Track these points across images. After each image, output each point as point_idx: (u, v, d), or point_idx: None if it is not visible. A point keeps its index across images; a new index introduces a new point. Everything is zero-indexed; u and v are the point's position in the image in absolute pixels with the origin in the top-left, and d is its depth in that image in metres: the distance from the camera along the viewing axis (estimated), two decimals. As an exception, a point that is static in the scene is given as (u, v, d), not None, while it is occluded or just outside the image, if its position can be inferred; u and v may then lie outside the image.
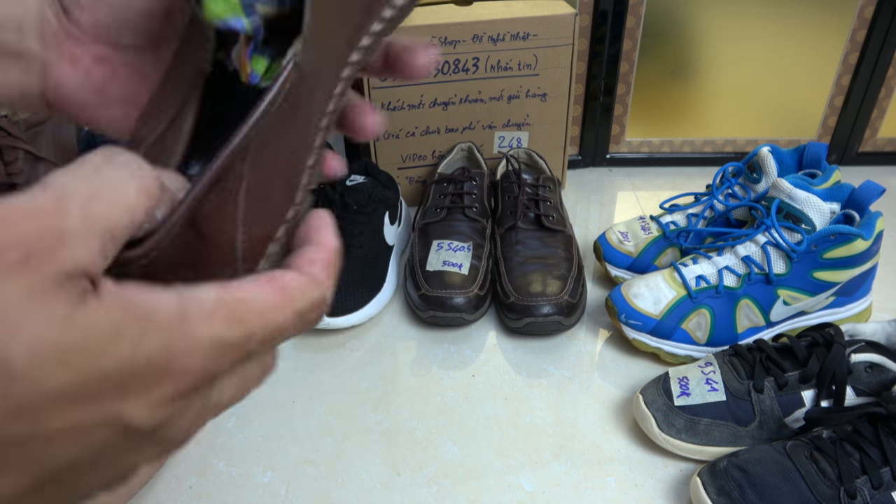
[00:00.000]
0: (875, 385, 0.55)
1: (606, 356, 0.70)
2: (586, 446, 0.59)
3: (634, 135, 1.05)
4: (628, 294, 0.68)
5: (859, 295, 0.68)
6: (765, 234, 0.65)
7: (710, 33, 0.96)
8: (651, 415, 0.57)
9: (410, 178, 0.97)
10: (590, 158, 1.07)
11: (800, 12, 0.94)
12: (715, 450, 0.56)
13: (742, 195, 0.75)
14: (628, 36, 0.96)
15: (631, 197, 1.00)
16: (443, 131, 0.93)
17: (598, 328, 0.74)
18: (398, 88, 0.88)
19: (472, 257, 0.75)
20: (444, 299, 0.71)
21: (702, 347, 0.66)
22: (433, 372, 0.69)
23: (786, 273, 0.64)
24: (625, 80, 1.00)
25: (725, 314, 0.65)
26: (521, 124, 0.94)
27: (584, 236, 0.89)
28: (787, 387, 0.56)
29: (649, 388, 0.60)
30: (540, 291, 0.70)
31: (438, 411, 0.63)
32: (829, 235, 0.62)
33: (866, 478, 0.49)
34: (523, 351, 0.71)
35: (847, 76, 0.99)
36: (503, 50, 0.87)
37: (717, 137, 1.05)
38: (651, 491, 0.56)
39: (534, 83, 0.90)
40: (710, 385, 0.58)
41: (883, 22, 0.93)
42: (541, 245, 0.76)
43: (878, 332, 0.60)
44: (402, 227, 0.87)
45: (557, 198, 0.84)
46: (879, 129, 1.03)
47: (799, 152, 0.73)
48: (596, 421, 0.62)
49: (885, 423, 0.50)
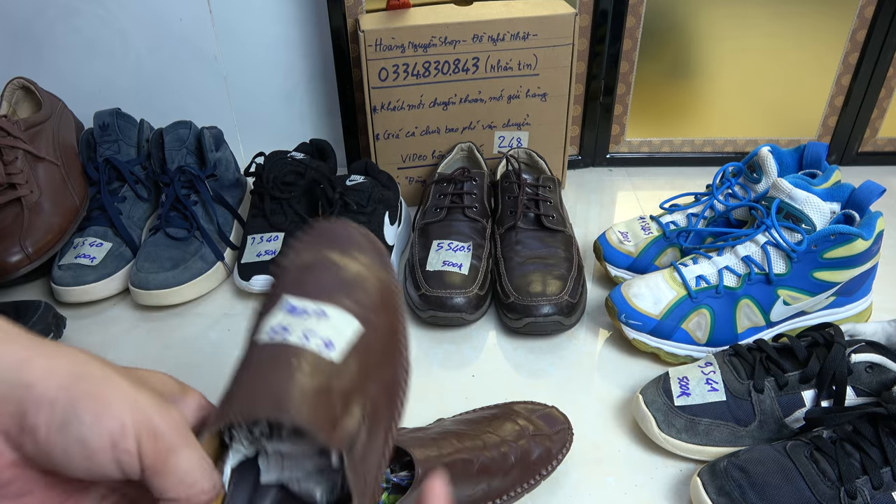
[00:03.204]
0: (875, 385, 0.55)
1: (606, 356, 0.70)
2: (586, 446, 0.59)
3: (634, 135, 1.05)
4: (628, 294, 0.68)
5: (859, 295, 0.68)
6: (765, 234, 0.65)
7: (710, 33, 0.96)
8: (651, 415, 0.57)
9: (410, 178, 0.97)
10: (590, 158, 1.07)
11: (800, 12, 0.94)
12: (715, 450, 0.56)
13: (742, 195, 0.75)
14: (628, 36, 0.96)
15: (631, 197, 1.00)
16: (443, 131, 0.93)
17: (598, 328, 0.74)
18: (398, 88, 0.88)
19: (472, 257, 0.75)
20: (444, 299, 0.71)
21: (702, 347, 0.66)
22: (433, 372, 0.69)
23: (786, 273, 0.64)
24: (625, 80, 1.00)
25: (725, 314, 0.65)
26: (521, 124, 0.94)
27: (584, 236, 0.89)
28: (787, 387, 0.56)
29: (649, 388, 0.60)
30: (540, 291, 0.70)
31: (438, 411, 0.63)
32: (830, 235, 0.62)
33: (866, 478, 0.49)
34: (523, 351, 0.71)
35: (847, 76, 0.99)
36: (503, 50, 0.87)
37: (717, 137, 1.05)
38: (651, 491, 0.56)
39: (534, 83, 0.90)
40: (710, 385, 0.58)
41: (883, 22, 0.93)
42: (541, 245, 0.76)
43: (878, 332, 0.60)
44: (402, 227, 0.87)
45: (557, 198, 0.84)
46: (879, 129, 1.03)
47: (799, 152, 0.73)
48: (596, 421, 0.62)
49: (885, 423, 0.50)
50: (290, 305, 0.31)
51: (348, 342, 0.31)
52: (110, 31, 0.96)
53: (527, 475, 0.52)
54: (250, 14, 0.96)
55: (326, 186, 0.80)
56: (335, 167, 0.93)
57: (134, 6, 0.94)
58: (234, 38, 0.98)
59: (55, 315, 0.72)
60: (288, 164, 0.84)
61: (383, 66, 0.86)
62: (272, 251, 0.79)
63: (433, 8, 0.90)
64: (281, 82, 1.02)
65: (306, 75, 1.01)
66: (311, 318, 0.31)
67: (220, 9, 0.95)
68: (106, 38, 0.96)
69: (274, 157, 0.85)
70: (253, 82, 1.02)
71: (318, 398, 0.28)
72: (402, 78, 0.87)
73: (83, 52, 0.97)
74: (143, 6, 0.94)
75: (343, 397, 0.29)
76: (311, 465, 0.30)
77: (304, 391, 0.28)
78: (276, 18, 0.96)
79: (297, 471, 0.30)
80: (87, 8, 0.94)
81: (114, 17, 0.95)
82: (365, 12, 0.91)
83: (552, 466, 0.54)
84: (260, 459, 0.30)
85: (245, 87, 1.02)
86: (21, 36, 0.96)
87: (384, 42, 0.84)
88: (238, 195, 0.93)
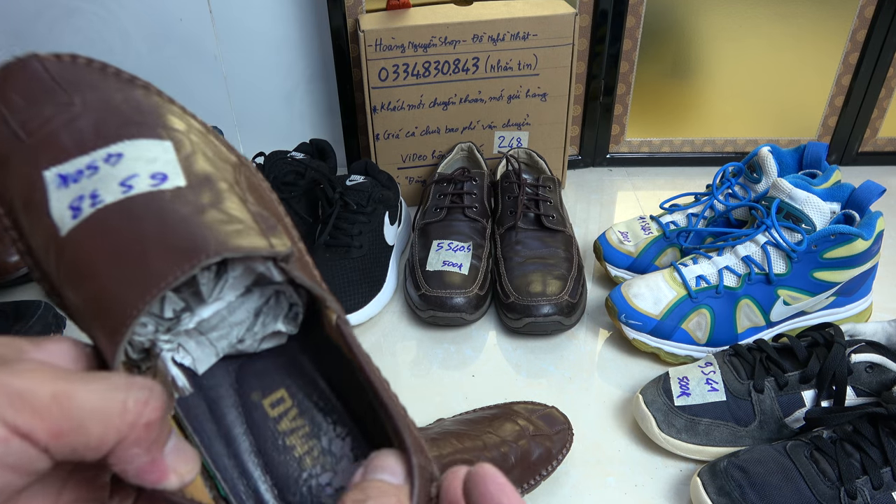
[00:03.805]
0: (875, 385, 0.55)
1: (606, 356, 0.70)
2: (586, 446, 0.59)
3: (634, 135, 1.05)
4: (628, 294, 0.68)
5: (859, 295, 0.68)
6: (765, 234, 0.65)
7: (710, 33, 0.96)
8: (651, 415, 0.57)
9: (410, 178, 0.97)
10: (590, 158, 1.07)
11: (800, 12, 0.94)
12: (715, 450, 0.56)
13: (742, 195, 0.75)
14: (628, 36, 0.96)
15: (631, 197, 1.00)
16: (443, 131, 0.93)
17: (598, 328, 0.74)
18: (398, 88, 0.88)
19: (472, 257, 0.75)
20: (444, 299, 0.70)
21: (702, 347, 0.66)
22: (433, 372, 0.69)
23: (786, 273, 0.64)
24: (625, 80, 1.00)
25: (725, 314, 0.65)
26: (521, 124, 0.94)
27: (584, 236, 0.89)
28: (787, 387, 0.56)
29: (649, 388, 0.60)
30: (540, 291, 0.70)
31: (438, 411, 0.63)
32: (830, 235, 0.62)
33: (867, 478, 0.49)
34: (523, 351, 0.71)
35: (847, 76, 0.98)
36: (503, 50, 0.87)
37: (717, 137, 1.05)
38: (651, 491, 0.56)
39: (534, 83, 0.90)
40: (710, 385, 0.58)
41: (883, 22, 0.93)
42: (541, 245, 0.76)
43: (878, 332, 0.60)
44: (402, 227, 0.87)
45: (557, 198, 0.84)
46: (880, 129, 1.03)
47: (799, 152, 0.73)
48: (596, 421, 0.62)
49: (885, 423, 0.50)
50: (57, 179, 0.23)
51: (173, 161, 0.25)
52: (111, 31, 0.96)
53: (527, 475, 0.52)
54: (250, 14, 0.96)
55: (326, 186, 0.80)
56: (335, 167, 0.92)
57: (134, 6, 0.94)
58: (234, 38, 0.98)
59: (55, 315, 0.72)
60: (288, 164, 0.84)
61: (383, 66, 0.86)
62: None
63: (433, 8, 0.90)
64: (281, 82, 1.02)
65: (306, 75, 1.01)
66: (103, 170, 0.23)
67: (220, 9, 0.95)
68: (106, 37, 0.96)
69: (274, 157, 0.85)
70: (253, 82, 1.02)
71: (211, 222, 0.23)
72: (402, 78, 0.87)
73: (84, 51, 0.97)
74: (143, 6, 0.94)
75: (223, 203, 0.24)
76: (244, 315, 0.26)
77: (197, 223, 0.22)
78: (276, 18, 0.96)
79: (235, 330, 0.26)
80: (88, 8, 0.94)
81: (114, 17, 0.95)
82: (365, 12, 0.91)
83: (552, 467, 0.54)
84: (186, 350, 0.25)
85: (245, 87, 1.02)
86: (22, 36, 0.96)
87: (384, 42, 0.84)
88: (238, 195, 0.93)
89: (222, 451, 0.26)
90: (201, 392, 0.26)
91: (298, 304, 0.27)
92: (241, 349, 0.27)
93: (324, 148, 0.93)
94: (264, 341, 0.27)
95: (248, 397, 0.27)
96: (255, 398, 0.27)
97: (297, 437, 0.27)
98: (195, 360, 0.26)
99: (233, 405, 0.27)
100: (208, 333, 0.25)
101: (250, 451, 0.26)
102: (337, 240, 0.76)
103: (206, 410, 0.26)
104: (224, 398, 0.27)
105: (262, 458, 0.26)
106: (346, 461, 0.27)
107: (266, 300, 0.26)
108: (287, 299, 0.27)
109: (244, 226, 0.24)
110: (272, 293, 0.26)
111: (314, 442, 0.27)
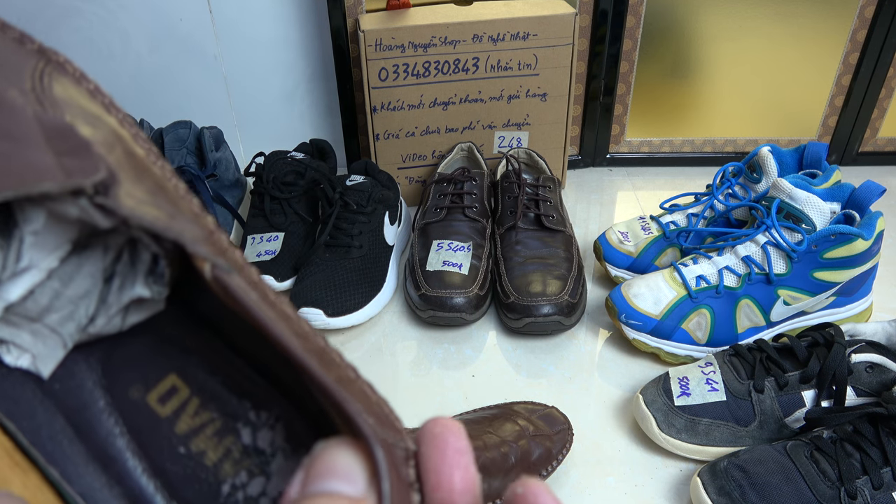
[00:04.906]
0: (875, 385, 0.55)
1: (606, 356, 0.70)
2: (586, 446, 0.59)
3: (634, 135, 1.05)
4: (628, 294, 0.67)
5: (860, 295, 0.68)
6: (765, 234, 0.65)
7: (710, 33, 0.96)
8: (651, 415, 0.57)
9: (410, 178, 0.97)
10: (590, 158, 1.07)
11: (800, 12, 0.94)
12: (715, 450, 0.56)
13: (742, 195, 0.75)
14: (628, 36, 0.96)
15: (631, 197, 1.00)
16: (443, 131, 0.93)
17: (598, 328, 0.74)
18: (398, 88, 0.88)
19: (472, 257, 0.75)
20: (444, 299, 0.70)
21: (702, 347, 0.66)
22: (433, 372, 0.69)
23: (786, 273, 0.64)
24: (625, 79, 1.00)
25: (726, 314, 0.65)
26: (521, 124, 0.94)
27: (584, 236, 0.89)
28: (787, 387, 0.56)
29: (649, 388, 0.60)
30: (540, 291, 0.70)
31: (438, 411, 0.63)
32: (830, 235, 0.62)
33: (867, 478, 0.49)
34: (523, 351, 0.71)
35: (847, 76, 0.98)
36: (503, 50, 0.87)
37: (717, 137, 1.05)
38: (651, 491, 0.56)
39: (534, 83, 0.90)
40: (711, 385, 0.58)
41: (883, 22, 0.93)
42: (541, 245, 0.76)
43: (878, 332, 0.60)
44: (402, 227, 0.87)
45: (557, 198, 0.84)
46: (880, 129, 1.03)
47: (799, 152, 0.73)
48: (596, 421, 0.62)
49: (885, 424, 0.50)
50: None
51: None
52: (111, 31, 0.96)
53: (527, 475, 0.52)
54: (250, 14, 0.96)
55: (326, 186, 0.80)
56: (335, 167, 0.93)
57: (134, 6, 0.94)
58: (234, 38, 0.98)
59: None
60: (288, 164, 0.84)
61: (383, 66, 0.86)
62: (272, 251, 0.79)
63: (433, 8, 0.90)
64: (281, 82, 1.02)
65: (306, 75, 1.01)
66: None
67: (220, 9, 0.95)
68: (106, 37, 0.96)
69: (274, 157, 0.85)
70: (253, 82, 1.02)
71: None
72: (402, 78, 0.87)
73: (83, 51, 0.97)
74: (143, 6, 0.94)
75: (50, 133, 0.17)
76: (87, 283, 0.18)
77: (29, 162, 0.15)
78: (276, 18, 0.96)
79: (81, 306, 0.18)
80: (88, 8, 0.94)
81: (114, 17, 0.95)
82: (365, 12, 0.91)
83: (552, 467, 0.54)
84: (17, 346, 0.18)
85: (245, 87, 1.02)
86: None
87: (384, 42, 0.84)
88: (238, 195, 0.93)
89: (96, 480, 0.19)
90: (53, 401, 0.19)
91: (160, 253, 0.18)
92: (100, 331, 0.19)
93: (324, 148, 0.93)
94: (130, 314, 0.19)
95: (126, 395, 0.20)
96: (134, 395, 0.20)
97: (204, 439, 0.20)
98: (35, 357, 0.18)
99: (104, 410, 0.19)
100: (43, 318, 0.18)
101: (140, 471, 0.19)
102: (337, 240, 0.76)
103: (65, 426, 0.19)
104: (90, 404, 0.19)
105: (159, 477, 0.19)
106: (280, 457, 0.20)
107: (116, 256, 0.19)
108: (146, 248, 0.18)
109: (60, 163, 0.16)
110: (123, 244, 0.18)
111: (231, 439, 0.20)
